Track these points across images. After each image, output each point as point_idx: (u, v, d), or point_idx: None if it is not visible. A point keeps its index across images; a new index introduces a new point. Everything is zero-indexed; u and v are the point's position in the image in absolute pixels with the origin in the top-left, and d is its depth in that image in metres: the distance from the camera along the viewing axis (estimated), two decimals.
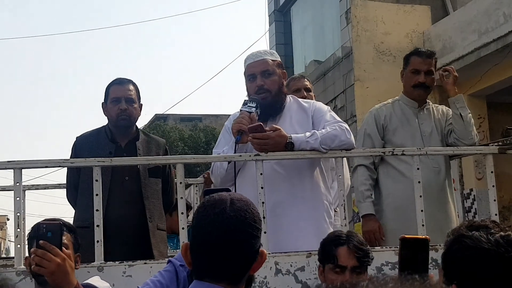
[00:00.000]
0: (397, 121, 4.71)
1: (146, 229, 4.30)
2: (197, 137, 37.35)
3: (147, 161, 4.15)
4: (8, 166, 3.58)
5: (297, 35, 15.24)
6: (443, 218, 4.53)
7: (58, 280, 2.63)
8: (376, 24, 11.52)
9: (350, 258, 3.10)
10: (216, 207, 1.92)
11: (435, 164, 4.60)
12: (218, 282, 1.91)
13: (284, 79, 4.19)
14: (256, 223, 1.94)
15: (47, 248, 2.60)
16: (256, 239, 1.94)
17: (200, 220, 1.94)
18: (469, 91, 10.30)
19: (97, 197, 3.57)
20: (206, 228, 1.91)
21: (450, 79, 4.64)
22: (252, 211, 1.95)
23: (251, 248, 1.93)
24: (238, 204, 1.94)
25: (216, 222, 1.90)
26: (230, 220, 1.90)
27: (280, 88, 4.13)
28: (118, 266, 3.48)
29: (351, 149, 3.97)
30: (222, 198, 1.95)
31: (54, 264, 2.59)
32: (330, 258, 3.12)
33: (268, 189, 3.75)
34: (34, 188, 5.62)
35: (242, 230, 1.90)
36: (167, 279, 2.42)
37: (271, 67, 4.09)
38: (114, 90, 4.48)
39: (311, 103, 4.23)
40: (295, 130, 3.97)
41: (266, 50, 4.27)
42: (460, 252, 1.88)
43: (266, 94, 4.05)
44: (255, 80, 4.07)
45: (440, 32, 11.15)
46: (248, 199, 2.02)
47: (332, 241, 3.16)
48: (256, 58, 4.13)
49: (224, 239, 1.89)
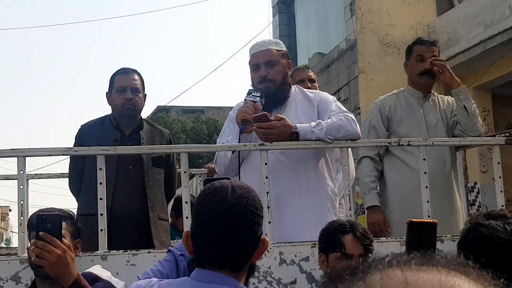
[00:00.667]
0: (402, 112, 4.69)
1: (147, 219, 4.29)
2: (200, 129, 37.38)
3: (151, 150, 4.13)
4: (12, 154, 3.57)
5: (301, 27, 15.20)
6: (449, 209, 4.51)
7: (59, 271, 2.61)
8: (380, 16, 11.49)
9: (357, 246, 3.07)
10: (217, 194, 1.91)
11: (440, 155, 4.57)
12: (220, 270, 1.90)
13: (289, 69, 4.16)
14: (257, 210, 1.93)
15: (47, 239, 2.58)
16: (258, 226, 1.93)
17: (201, 208, 1.93)
18: (474, 84, 10.28)
19: (100, 185, 3.55)
20: (207, 215, 1.90)
21: (446, 73, 4.60)
22: (253, 198, 1.94)
23: (252, 235, 1.92)
24: (239, 191, 1.93)
25: (217, 209, 1.89)
26: (232, 207, 1.89)
27: (285, 78, 4.10)
28: (122, 255, 3.46)
29: (357, 139, 3.95)
30: (223, 186, 1.94)
31: (54, 256, 2.58)
32: (336, 246, 3.07)
33: (273, 179, 3.73)
34: (38, 177, 5.61)
35: (244, 217, 1.89)
36: (167, 268, 2.41)
37: (275, 57, 4.07)
38: (119, 79, 4.46)
39: (317, 93, 4.21)
40: (300, 120, 3.95)
41: (271, 40, 4.24)
42: (475, 241, 1.87)
43: (269, 84, 4.02)
44: (259, 70, 4.05)
45: (445, 24, 11.11)
46: (250, 186, 2.00)
47: (337, 230, 3.11)
48: (260, 48, 4.11)
49: (225, 226, 1.88)
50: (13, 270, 3.32)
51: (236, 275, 1.91)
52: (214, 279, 1.88)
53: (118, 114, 4.43)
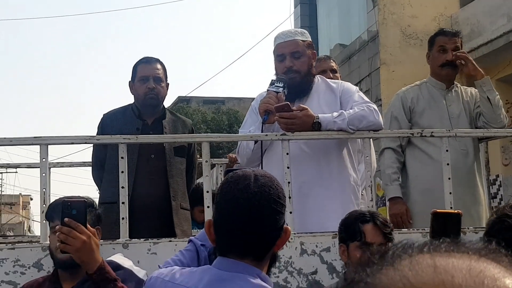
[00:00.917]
0: (425, 103, 4.66)
1: (170, 208, 4.29)
2: (220, 120, 37.45)
3: (173, 139, 4.14)
4: (34, 142, 3.58)
5: (323, 18, 15.15)
6: (471, 201, 4.48)
7: (84, 257, 2.62)
8: (403, 7, 11.43)
9: (377, 235, 3.07)
10: (240, 183, 1.91)
11: (463, 146, 4.54)
12: (242, 259, 1.90)
13: (313, 60, 4.15)
14: (280, 199, 1.93)
15: (73, 225, 2.59)
16: (280, 215, 1.93)
17: (224, 196, 1.93)
18: (497, 75, 10.19)
19: (122, 174, 3.56)
20: (230, 204, 1.90)
21: (470, 65, 4.56)
22: (276, 187, 1.94)
23: (275, 224, 1.91)
24: (262, 180, 1.92)
25: (240, 198, 1.88)
26: (254, 196, 1.88)
27: (309, 69, 4.09)
28: (143, 243, 3.47)
29: (379, 130, 3.93)
30: (246, 174, 1.94)
31: (79, 242, 2.59)
32: (356, 235, 3.07)
33: (295, 169, 3.72)
34: (60, 166, 5.65)
35: (266, 206, 1.89)
36: (188, 259, 2.41)
37: (301, 48, 4.05)
38: (142, 68, 4.46)
39: (339, 83, 4.19)
40: (323, 110, 3.93)
41: (297, 30, 4.23)
42: (502, 232, 1.85)
43: (295, 75, 4.01)
44: (284, 60, 4.04)
45: (468, 15, 11.03)
46: (272, 175, 1.99)
47: (357, 219, 3.11)
48: (286, 38, 4.09)
49: (248, 215, 1.88)
50: (35, 257, 3.34)
51: (258, 264, 1.91)
52: (236, 268, 1.88)
53: (141, 104, 4.44)
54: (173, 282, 1.99)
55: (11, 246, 3.39)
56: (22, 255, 3.34)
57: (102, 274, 2.66)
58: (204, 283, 1.89)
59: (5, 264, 3.31)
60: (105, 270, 2.68)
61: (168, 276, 2.04)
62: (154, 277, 2.11)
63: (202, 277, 1.92)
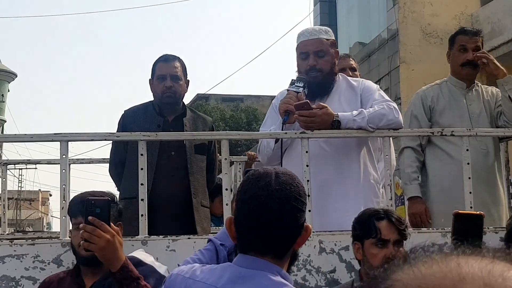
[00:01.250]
0: (445, 102, 4.64)
1: (190, 205, 4.30)
2: (239, 118, 37.46)
3: (193, 136, 4.15)
4: (55, 138, 3.61)
5: (342, 16, 15.13)
6: (491, 201, 4.45)
7: (108, 255, 2.63)
8: (423, 5, 11.39)
9: (392, 231, 3.09)
10: (261, 181, 1.91)
11: (483, 146, 4.52)
12: (263, 256, 1.90)
13: (336, 59, 4.14)
14: (301, 196, 1.93)
15: (96, 224, 2.60)
16: (301, 213, 1.93)
17: (245, 194, 1.93)
18: None
19: (142, 171, 3.57)
20: (251, 201, 1.90)
21: (491, 64, 4.53)
22: (297, 184, 1.94)
23: (296, 222, 1.92)
24: (283, 178, 1.92)
25: (261, 195, 1.89)
26: (275, 194, 1.88)
27: (332, 68, 4.09)
28: (162, 240, 3.48)
29: (399, 129, 3.91)
30: (267, 172, 1.94)
31: (103, 240, 2.59)
32: (372, 232, 3.09)
33: (315, 167, 3.72)
34: (79, 162, 5.67)
35: (287, 203, 1.89)
36: (208, 258, 2.41)
37: (325, 47, 4.05)
38: (160, 67, 4.48)
39: (360, 81, 4.18)
40: (343, 108, 3.93)
41: (321, 28, 4.21)
42: None
43: (317, 74, 4.01)
44: (308, 58, 4.03)
45: (489, 14, 10.97)
46: (293, 173, 1.99)
47: (372, 216, 3.14)
48: (311, 36, 4.08)
49: (269, 212, 1.88)
50: (55, 253, 3.36)
51: (279, 262, 1.91)
52: (256, 265, 1.88)
53: (159, 102, 4.46)
54: (194, 279, 2.00)
55: (31, 242, 3.42)
56: (42, 251, 3.36)
57: (125, 272, 2.67)
58: (225, 280, 1.90)
59: (25, 260, 3.33)
60: (129, 268, 2.69)
61: (188, 273, 2.04)
62: (174, 274, 2.11)
63: (223, 274, 1.93)
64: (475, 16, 11.28)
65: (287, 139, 3.89)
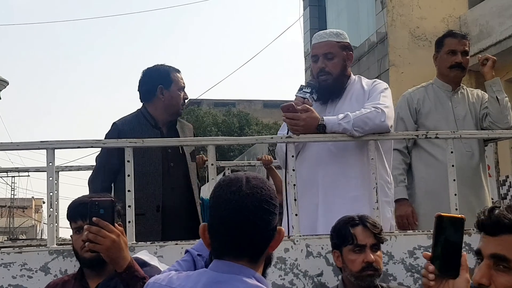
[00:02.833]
0: (430, 105, 4.67)
1: (196, 213, 4.38)
2: (231, 122, 37.48)
3: (179, 142, 4.15)
4: (41, 146, 3.60)
5: (332, 20, 15.17)
6: (477, 203, 4.48)
7: (114, 256, 2.64)
8: (411, 8, 11.43)
9: (367, 236, 3.17)
10: (232, 186, 1.93)
11: (468, 148, 4.55)
12: (238, 260, 1.92)
13: (349, 61, 4.15)
14: (272, 199, 1.95)
15: (101, 225, 2.60)
16: (273, 216, 1.95)
17: (217, 199, 1.95)
18: (505, 76, 10.18)
19: (129, 178, 3.57)
20: (223, 206, 1.92)
21: (490, 62, 4.57)
22: (268, 188, 1.96)
23: (268, 225, 1.94)
24: (254, 182, 1.94)
25: (233, 200, 1.91)
26: (247, 198, 1.90)
27: (343, 70, 4.10)
28: (150, 246, 3.48)
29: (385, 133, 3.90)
30: (238, 177, 1.97)
31: (109, 241, 2.59)
32: (348, 239, 3.17)
33: (323, 169, 3.82)
34: (68, 170, 5.66)
35: (259, 207, 1.91)
36: (185, 268, 2.43)
37: (334, 49, 4.07)
38: (179, 77, 4.44)
39: (372, 81, 4.18)
40: (352, 105, 3.96)
41: (332, 31, 4.20)
42: None
43: (327, 77, 4.04)
44: (318, 61, 4.08)
45: (477, 16, 11.02)
46: (264, 177, 2.01)
47: (347, 223, 3.22)
48: (320, 39, 4.12)
49: (241, 216, 1.90)
50: (42, 261, 3.36)
51: (253, 265, 1.93)
52: (231, 270, 1.90)
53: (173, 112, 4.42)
54: (170, 286, 2.01)
55: (18, 250, 3.42)
56: (29, 259, 3.36)
57: (131, 272, 2.68)
58: (201, 286, 1.91)
59: (13, 268, 3.33)
60: (134, 268, 2.69)
61: (165, 280, 2.06)
62: (151, 282, 2.12)
63: (199, 279, 1.94)
64: (463, 18, 11.33)
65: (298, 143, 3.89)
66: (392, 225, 4.06)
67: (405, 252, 3.60)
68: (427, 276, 1.83)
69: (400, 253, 3.60)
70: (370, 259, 3.14)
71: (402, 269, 3.57)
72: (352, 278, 3.17)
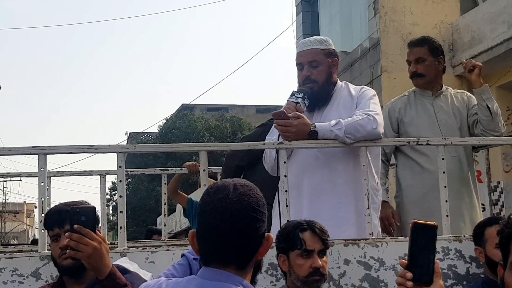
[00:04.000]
0: (413, 112, 4.71)
1: None
2: (224, 127, 37.45)
3: (171, 148, 4.15)
4: (32, 151, 3.60)
5: (325, 26, 15.20)
6: (465, 208, 4.50)
7: (95, 263, 2.63)
8: (404, 14, 11.46)
9: (316, 241, 3.18)
10: (219, 193, 1.93)
11: (453, 152, 4.54)
12: (225, 267, 1.92)
13: (334, 68, 4.16)
14: (260, 207, 1.95)
15: (83, 232, 2.59)
16: (261, 223, 1.95)
17: (205, 207, 1.95)
18: (497, 83, 10.22)
19: (120, 183, 3.58)
20: (211, 214, 1.92)
21: (477, 70, 4.57)
22: (255, 195, 1.96)
23: (256, 232, 1.94)
24: (241, 189, 1.94)
25: (220, 207, 1.90)
26: (234, 205, 1.90)
27: (329, 77, 4.11)
28: (141, 252, 3.48)
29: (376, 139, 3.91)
30: (225, 184, 1.96)
31: (90, 248, 2.58)
32: (297, 244, 3.17)
33: (309, 176, 3.83)
34: (59, 175, 5.65)
35: (246, 214, 1.91)
36: (181, 272, 2.43)
37: (319, 57, 4.08)
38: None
39: (360, 88, 4.20)
40: (340, 113, 3.97)
41: (316, 38, 4.22)
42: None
43: (312, 84, 4.05)
44: (303, 69, 4.08)
45: (469, 23, 11.05)
46: (252, 184, 2.01)
47: (295, 228, 3.22)
48: (304, 47, 4.13)
49: (228, 224, 1.90)
50: (34, 267, 3.36)
51: (241, 272, 1.93)
52: (219, 277, 1.90)
53: None
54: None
55: (9, 255, 3.41)
56: (20, 264, 3.36)
57: (113, 279, 2.67)
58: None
59: (3, 274, 3.33)
60: (116, 275, 2.69)
61: (154, 287, 2.06)
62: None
63: (187, 286, 1.94)
64: (455, 25, 11.36)
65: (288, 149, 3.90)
66: (379, 232, 4.08)
67: (396, 259, 3.60)
68: (405, 284, 1.84)
69: (391, 260, 3.61)
70: (317, 264, 3.14)
71: (393, 276, 3.57)
72: (298, 283, 3.16)
